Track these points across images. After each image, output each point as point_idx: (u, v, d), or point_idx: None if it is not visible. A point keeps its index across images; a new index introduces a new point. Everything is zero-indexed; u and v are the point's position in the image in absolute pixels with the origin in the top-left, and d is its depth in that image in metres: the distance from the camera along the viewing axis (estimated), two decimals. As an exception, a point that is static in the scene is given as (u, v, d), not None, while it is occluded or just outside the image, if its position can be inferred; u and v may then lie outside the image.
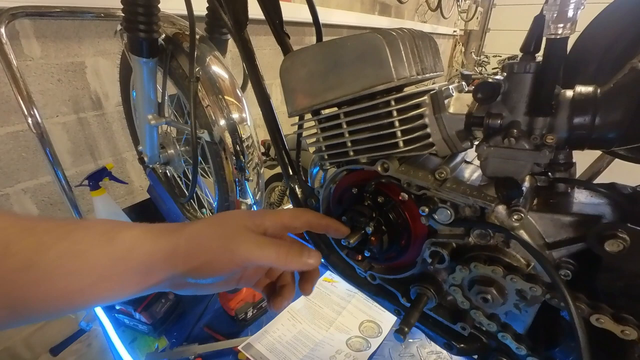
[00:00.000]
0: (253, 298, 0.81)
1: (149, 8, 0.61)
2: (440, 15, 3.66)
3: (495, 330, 0.35)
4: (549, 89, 0.29)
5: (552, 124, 0.30)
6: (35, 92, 1.04)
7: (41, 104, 1.06)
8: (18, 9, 0.71)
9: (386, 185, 0.39)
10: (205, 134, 0.71)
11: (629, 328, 0.26)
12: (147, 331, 0.77)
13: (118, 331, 0.79)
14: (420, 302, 0.39)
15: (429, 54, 0.39)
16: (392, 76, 0.33)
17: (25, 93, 0.72)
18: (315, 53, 0.37)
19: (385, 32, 0.34)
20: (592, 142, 0.29)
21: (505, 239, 0.33)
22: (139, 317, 0.76)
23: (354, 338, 0.78)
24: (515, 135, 0.30)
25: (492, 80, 0.30)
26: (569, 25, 0.26)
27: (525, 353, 0.33)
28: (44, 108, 1.07)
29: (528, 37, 0.30)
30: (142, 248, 0.27)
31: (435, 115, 0.35)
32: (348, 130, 0.39)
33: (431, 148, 0.37)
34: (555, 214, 0.32)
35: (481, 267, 0.32)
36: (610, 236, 0.27)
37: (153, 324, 0.76)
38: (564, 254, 0.33)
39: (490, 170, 0.33)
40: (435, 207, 0.35)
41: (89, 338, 1.28)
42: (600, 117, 0.27)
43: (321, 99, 0.38)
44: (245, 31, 0.52)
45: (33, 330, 1.19)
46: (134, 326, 0.79)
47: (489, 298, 0.32)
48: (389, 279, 0.45)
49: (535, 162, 0.31)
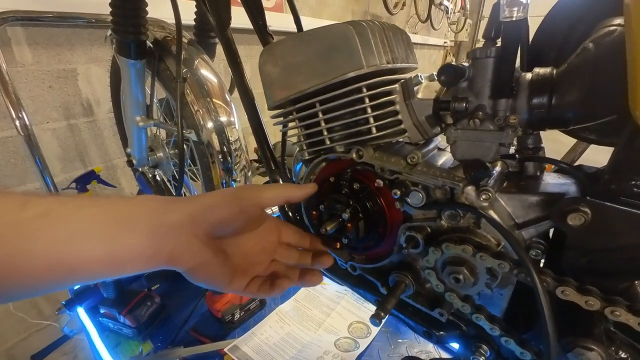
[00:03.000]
0: (240, 300, 0.81)
1: (136, 11, 0.63)
2: (430, 26, 3.77)
3: (469, 312, 0.35)
4: (509, 71, 0.30)
5: (514, 105, 0.31)
6: (26, 98, 1.04)
7: (31, 109, 1.06)
8: (8, 13, 0.73)
9: (362, 172, 0.40)
10: (193, 134, 0.72)
11: (593, 298, 0.26)
12: (132, 335, 0.76)
13: (102, 336, 0.78)
14: (398, 289, 0.39)
15: (401, 46, 0.40)
16: (362, 63, 0.35)
17: (14, 96, 0.73)
18: (289, 45, 0.39)
19: (355, 23, 0.35)
20: (551, 121, 0.30)
21: (475, 219, 0.34)
22: (123, 321, 0.75)
23: (343, 339, 0.77)
24: (480, 118, 0.31)
25: (455, 64, 0.31)
26: (521, 8, 0.27)
27: (499, 334, 0.33)
28: (34, 114, 1.08)
29: (488, 24, 0.31)
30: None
31: (405, 102, 0.36)
32: (324, 118, 0.40)
33: (404, 134, 0.38)
34: (523, 194, 0.33)
35: (452, 247, 0.33)
36: (572, 210, 0.28)
37: (137, 328, 0.75)
38: (533, 234, 0.33)
39: (459, 153, 0.34)
40: (407, 191, 0.35)
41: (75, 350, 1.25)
42: (556, 97, 0.29)
43: (297, 89, 0.39)
44: (228, 30, 0.54)
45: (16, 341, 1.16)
46: (118, 330, 0.77)
47: (461, 278, 0.32)
48: (368, 268, 0.45)
49: (500, 142, 0.32)
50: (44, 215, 0.24)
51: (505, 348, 0.37)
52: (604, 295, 0.26)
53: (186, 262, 0.30)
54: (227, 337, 0.77)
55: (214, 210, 0.31)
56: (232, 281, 0.34)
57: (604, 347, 0.26)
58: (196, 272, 0.31)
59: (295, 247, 0.40)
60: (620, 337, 0.28)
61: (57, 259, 0.24)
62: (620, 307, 0.25)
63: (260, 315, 0.84)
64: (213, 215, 0.31)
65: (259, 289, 0.36)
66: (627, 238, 0.26)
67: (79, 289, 0.82)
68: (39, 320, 1.20)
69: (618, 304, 0.25)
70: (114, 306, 0.76)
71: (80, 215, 0.26)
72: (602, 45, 0.26)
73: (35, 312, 1.21)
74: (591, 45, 0.27)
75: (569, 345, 0.27)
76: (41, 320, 1.21)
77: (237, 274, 0.35)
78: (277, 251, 0.39)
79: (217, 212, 0.31)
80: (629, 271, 0.27)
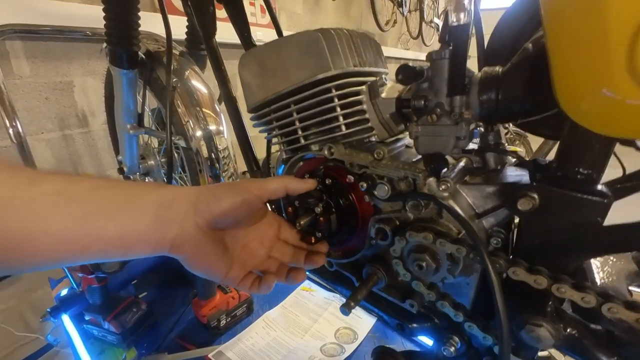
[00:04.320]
0: (227, 305, 0.80)
1: (128, 23, 0.67)
2: (422, 43, 3.90)
3: (435, 299, 0.36)
4: (460, 70, 0.33)
5: (468, 101, 0.34)
6: (22, 109, 1.07)
7: (27, 120, 1.09)
8: (7, 27, 0.76)
9: (333, 168, 0.42)
10: (182, 140, 0.74)
11: (541, 277, 0.28)
12: (116, 342, 0.75)
13: (87, 343, 0.77)
14: (370, 280, 0.40)
15: (369, 51, 0.43)
16: (330, 66, 0.37)
17: (8, 105, 0.75)
18: (265, 50, 0.42)
19: (323, 30, 0.38)
20: (500, 115, 0.33)
21: (437, 209, 0.36)
22: (107, 327, 0.75)
23: (329, 344, 0.77)
24: (438, 113, 0.34)
25: (411, 65, 0.34)
26: (466, 14, 0.30)
27: (462, 319, 0.34)
28: (29, 125, 1.10)
29: (442, 29, 0.34)
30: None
31: (372, 101, 0.39)
32: (298, 117, 0.42)
33: (371, 132, 0.40)
34: (481, 185, 0.35)
35: (415, 235, 0.34)
36: (521, 196, 0.30)
37: (122, 334, 0.74)
38: (493, 223, 0.35)
39: (421, 147, 0.36)
40: (374, 183, 0.37)
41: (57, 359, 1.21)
42: (502, 92, 0.31)
43: (272, 90, 0.42)
44: (213, 40, 0.57)
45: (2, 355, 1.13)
46: (103, 337, 0.77)
47: (424, 265, 0.34)
48: (344, 263, 0.46)
49: (456, 135, 0.34)
50: (58, 193, 0.25)
51: (475, 338, 0.39)
52: (552, 274, 0.28)
53: (187, 250, 0.31)
54: (213, 343, 0.77)
55: (217, 201, 0.32)
56: (230, 272, 0.35)
57: (552, 324, 0.27)
58: (195, 261, 0.32)
59: (290, 245, 0.41)
60: (569, 315, 0.29)
61: (71, 237, 0.25)
62: (566, 284, 0.27)
63: (247, 321, 0.84)
64: (216, 206, 0.31)
65: (252, 284, 0.37)
66: (569, 219, 0.28)
67: (64, 296, 0.81)
68: (25, 333, 1.18)
69: (564, 282, 0.27)
70: (99, 312, 0.76)
71: (96, 196, 0.27)
72: (538, 45, 0.29)
73: (22, 324, 1.19)
74: (530, 45, 0.30)
75: (521, 324, 0.29)
76: (27, 332, 1.19)
77: (235, 266, 0.35)
78: (275, 247, 0.40)
79: (221, 203, 0.32)
80: (575, 249, 0.29)
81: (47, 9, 0.99)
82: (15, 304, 1.16)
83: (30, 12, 0.93)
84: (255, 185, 0.34)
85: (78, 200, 0.26)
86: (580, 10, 0.20)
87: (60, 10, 1.03)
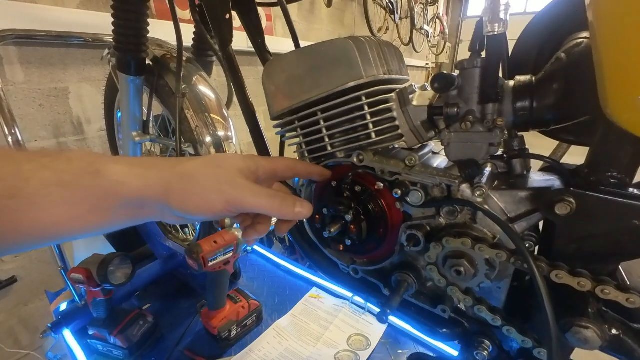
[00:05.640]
0: (237, 316, 0.79)
1: (138, 30, 0.66)
2: (412, 49, 3.99)
3: (471, 305, 0.36)
4: (493, 79, 0.34)
5: (500, 109, 0.34)
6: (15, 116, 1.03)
7: (20, 128, 1.05)
8: (7, 32, 0.74)
9: (362, 176, 0.42)
10: (191, 147, 0.73)
11: (584, 279, 0.28)
12: (123, 357, 0.72)
13: (90, 359, 0.74)
14: (401, 288, 0.40)
15: (395, 60, 0.44)
16: (362, 74, 0.38)
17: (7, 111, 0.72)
18: (292, 59, 0.42)
19: (354, 38, 0.39)
20: (533, 123, 0.33)
21: (472, 215, 0.36)
22: (114, 342, 0.72)
23: (342, 352, 0.76)
24: (471, 121, 0.35)
25: (446, 73, 0.34)
26: (502, 24, 0.31)
27: (500, 324, 0.35)
28: (22, 132, 1.04)
29: (473, 38, 0.35)
30: (132, 183, 0.27)
31: (402, 109, 0.39)
32: (325, 125, 0.42)
33: (401, 139, 0.40)
34: (513, 191, 0.36)
35: (452, 241, 0.35)
36: (558, 200, 0.31)
37: (129, 349, 0.72)
38: (525, 227, 0.36)
39: (453, 154, 0.37)
40: (407, 190, 0.37)
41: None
42: (537, 100, 0.32)
43: (299, 99, 0.42)
44: (230, 47, 0.57)
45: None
46: (108, 352, 0.74)
47: (462, 270, 0.34)
48: (370, 270, 0.46)
49: (489, 142, 0.35)
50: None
51: (507, 341, 0.39)
52: (594, 276, 0.29)
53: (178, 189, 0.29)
54: (224, 355, 0.75)
55: (196, 210, 0.29)
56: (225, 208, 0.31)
57: (598, 325, 0.28)
58: (188, 198, 0.29)
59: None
60: (612, 315, 0.30)
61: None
62: (610, 285, 0.27)
63: (257, 331, 0.82)
64: (191, 213, 0.29)
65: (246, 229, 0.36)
66: (608, 223, 0.29)
67: (65, 310, 0.78)
68: (17, 350, 1.12)
69: (607, 283, 0.28)
70: (104, 326, 0.73)
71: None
72: (572, 55, 0.30)
73: (12, 341, 1.14)
74: (563, 55, 0.31)
75: (566, 326, 0.29)
76: (18, 349, 1.13)
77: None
78: None
79: (198, 213, 0.29)
80: (613, 254, 0.30)
81: (43, 15, 0.97)
82: (5, 319, 1.11)
83: (27, 18, 0.91)
84: (287, 164, 0.37)
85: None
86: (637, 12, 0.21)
87: (57, 16, 1.00)
